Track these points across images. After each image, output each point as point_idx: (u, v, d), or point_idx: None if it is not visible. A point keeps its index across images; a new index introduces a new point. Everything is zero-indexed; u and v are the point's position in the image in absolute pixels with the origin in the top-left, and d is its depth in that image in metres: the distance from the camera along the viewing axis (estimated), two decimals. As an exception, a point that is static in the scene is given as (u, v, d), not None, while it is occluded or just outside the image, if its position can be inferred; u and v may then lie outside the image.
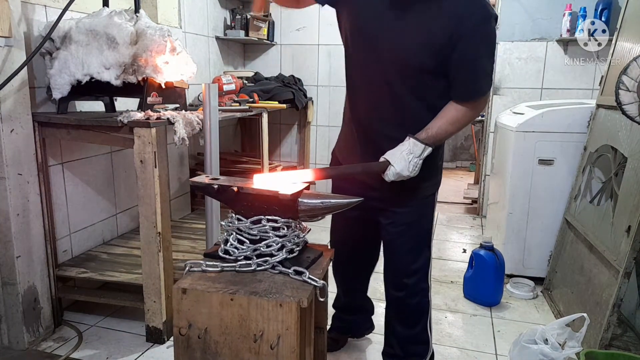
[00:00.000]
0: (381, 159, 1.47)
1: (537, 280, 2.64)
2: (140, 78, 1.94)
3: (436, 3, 1.38)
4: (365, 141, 1.59)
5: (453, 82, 1.46)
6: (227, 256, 1.30)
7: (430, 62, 1.42)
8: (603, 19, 3.28)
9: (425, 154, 1.44)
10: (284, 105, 3.37)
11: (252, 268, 1.26)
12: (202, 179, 1.37)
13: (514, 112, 2.90)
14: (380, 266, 1.82)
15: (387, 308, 1.79)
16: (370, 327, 2.09)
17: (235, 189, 1.28)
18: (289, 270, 1.24)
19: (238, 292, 1.16)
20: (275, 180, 1.34)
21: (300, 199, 1.27)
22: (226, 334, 1.18)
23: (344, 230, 1.83)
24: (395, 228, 1.65)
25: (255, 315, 1.15)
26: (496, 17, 1.42)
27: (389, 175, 1.44)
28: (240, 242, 1.29)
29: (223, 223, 1.34)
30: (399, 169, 1.42)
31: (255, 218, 1.27)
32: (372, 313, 2.08)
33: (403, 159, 1.42)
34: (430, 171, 1.58)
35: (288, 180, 1.35)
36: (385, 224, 1.68)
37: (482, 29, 1.39)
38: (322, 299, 1.23)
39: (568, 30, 3.40)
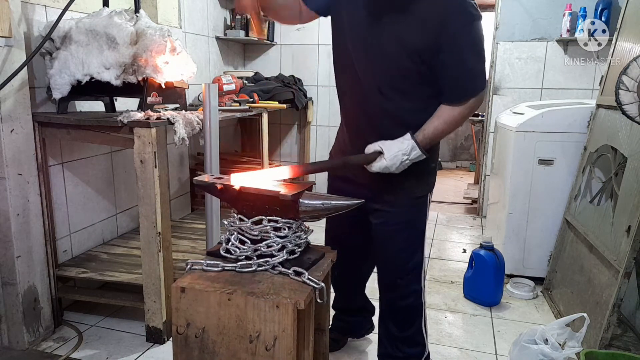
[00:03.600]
0: (374, 146, 1.47)
1: (537, 280, 2.64)
2: (140, 78, 1.94)
3: (417, 7, 1.39)
4: (356, 143, 1.59)
5: (442, 87, 1.47)
6: (228, 255, 1.30)
7: (413, 66, 1.43)
8: (603, 19, 3.28)
9: (415, 155, 1.45)
10: (284, 105, 3.37)
11: (253, 269, 1.26)
12: (204, 178, 1.37)
13: (514, 112, 2.90)
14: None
15: (381, 310, 1.79)
16: (370, 328, 2.08)
17: (237, 188, 1.28)
18: (289, 271, 1.24)
19: (235, 292, 1.16)
20: (253, 178, 1.33)
21: (301, 200, 1.26)
22: (223, 334, 1.18)
23: (338, 231, 1.82)
24: (387, 227, 1.65)
25: (252, 315, 1.15)
26: (480, 17, 1.41)
27: (374, 167, 1.46)
28: (242, 242, 1.29)
29: (225, 222, 1.34)
30: (389, 164, 1.44)
31: (256, 218, 1.27)
32: (373, 314, 2.08)
33: (397, 158, 1.43)
34: (425, 171, 1.59)
35: (266, 178, 1.34)
36: (377, 224, 1.67)
37: (465, 31, 1.39)
38: (320, 302, 1.22)
39: (568, 30, 3.40)
